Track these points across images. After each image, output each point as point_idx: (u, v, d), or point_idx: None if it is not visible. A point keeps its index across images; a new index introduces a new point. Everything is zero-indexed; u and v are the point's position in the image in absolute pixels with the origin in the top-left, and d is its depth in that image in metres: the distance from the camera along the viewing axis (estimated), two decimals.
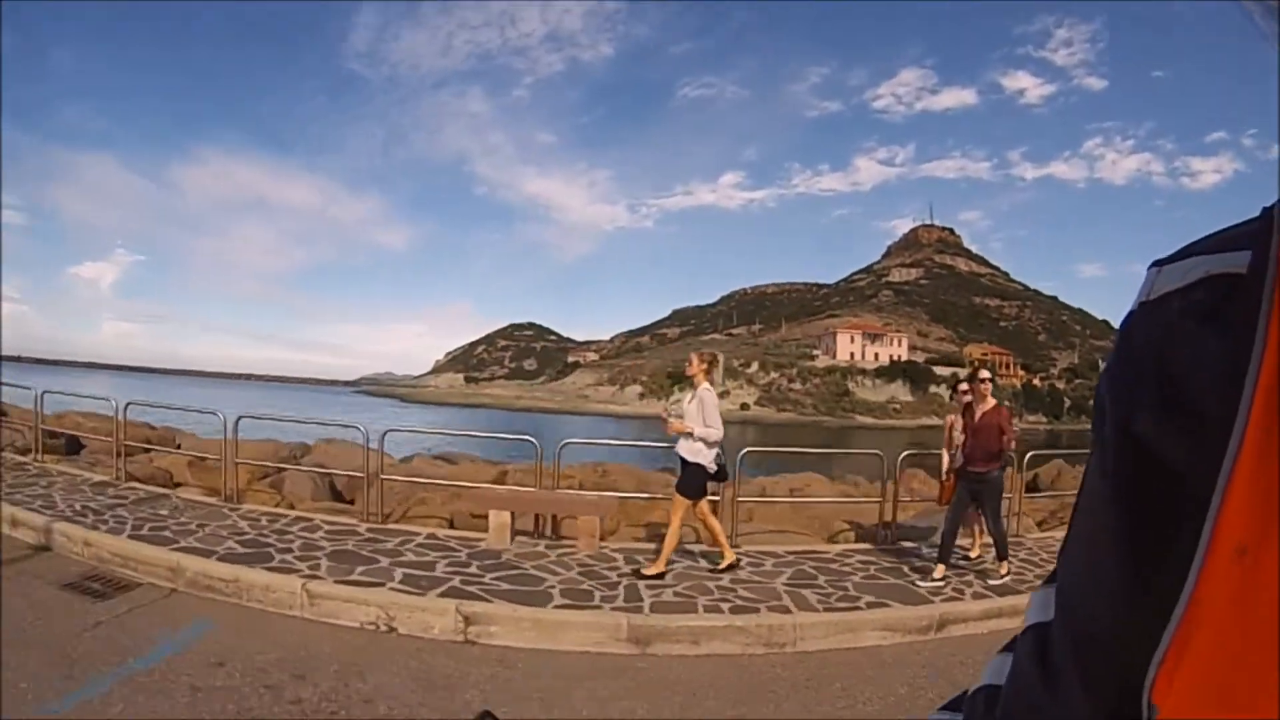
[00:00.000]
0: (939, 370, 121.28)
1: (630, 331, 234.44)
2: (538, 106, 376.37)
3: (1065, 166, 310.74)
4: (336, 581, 5.45)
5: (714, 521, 6.49)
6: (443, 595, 5.34)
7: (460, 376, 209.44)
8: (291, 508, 8.44)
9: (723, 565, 6.36)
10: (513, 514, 7.20)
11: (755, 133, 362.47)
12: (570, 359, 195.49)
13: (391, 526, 7.55)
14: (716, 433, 6.08)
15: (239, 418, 8.67)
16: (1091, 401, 0.47)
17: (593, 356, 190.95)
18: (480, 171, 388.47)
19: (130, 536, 6.18)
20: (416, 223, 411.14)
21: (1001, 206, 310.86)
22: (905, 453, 9.67)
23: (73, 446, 11.69)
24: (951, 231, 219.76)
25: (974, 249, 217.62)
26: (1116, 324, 0.47)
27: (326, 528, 7.16)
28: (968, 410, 6.52)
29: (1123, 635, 0.40)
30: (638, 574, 6.07)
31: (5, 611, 4.56)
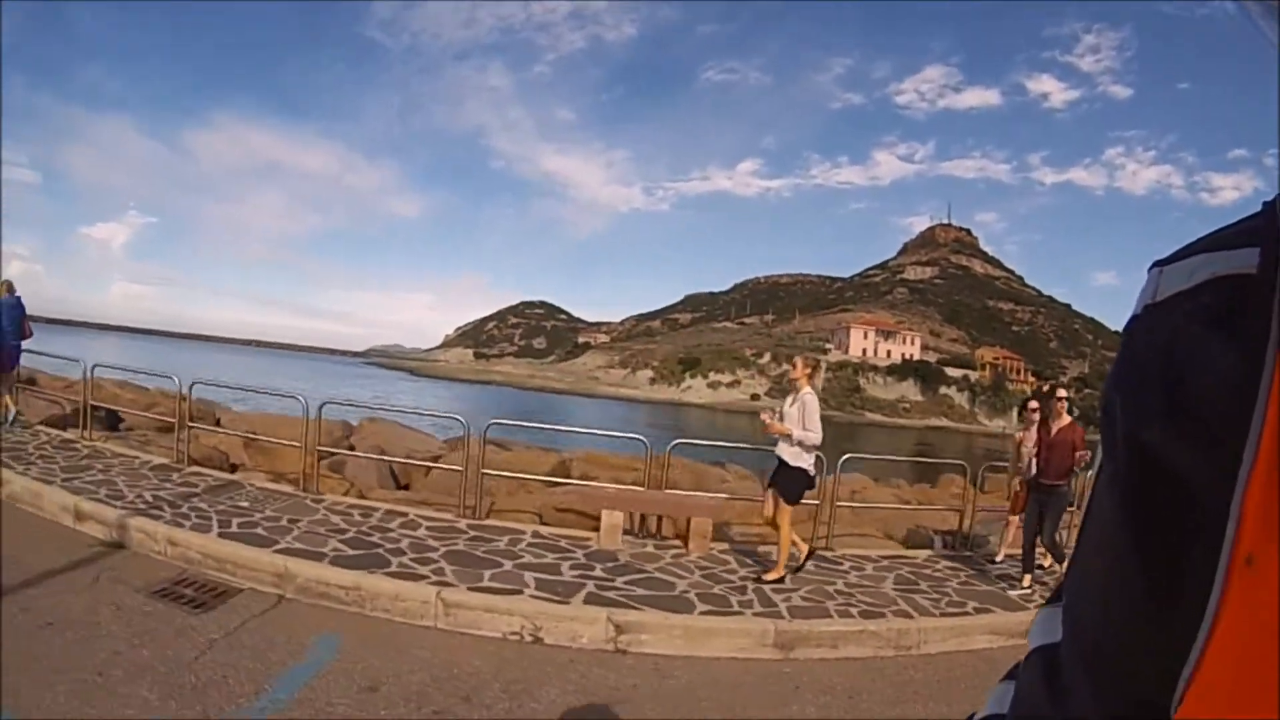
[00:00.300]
0: (950, 372, 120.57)
1: (641, 315, 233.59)
2: (559, 83, 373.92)
3: (1085, 173, 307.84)
4: (470, 589, 5.04)
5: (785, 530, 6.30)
6: (586, 602, 5.04)
7: (469, 352, 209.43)
8: (362, 497, 7.93)
9: (770, 576, 6.09)
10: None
11: (775, 121, 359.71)
12: (580, 339, 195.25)
13: (490, 523, 7.12)
14: (815, 436, 5.95)
15: (323, 403, 8.15)
16: (1100, 412, 0.46)
17: (603, 338, 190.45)
18: (497, 145, 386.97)
19: (222, 535, 5.63)
20: (430, 194, 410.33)
21: (1019, 209, 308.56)
22: (985, 465, 9.84)
23: (111, 420, 11.17)
24: (968, 232, 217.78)
25: (989, 251, 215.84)
26: None
27: (426, 524, 6.72)
28: (1044, 425, 6.76)
29: (1138, 648, 0.40)
30: (759, 579, 6.02)
31: (97, 627, 4.02)
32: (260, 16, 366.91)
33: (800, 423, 5.89)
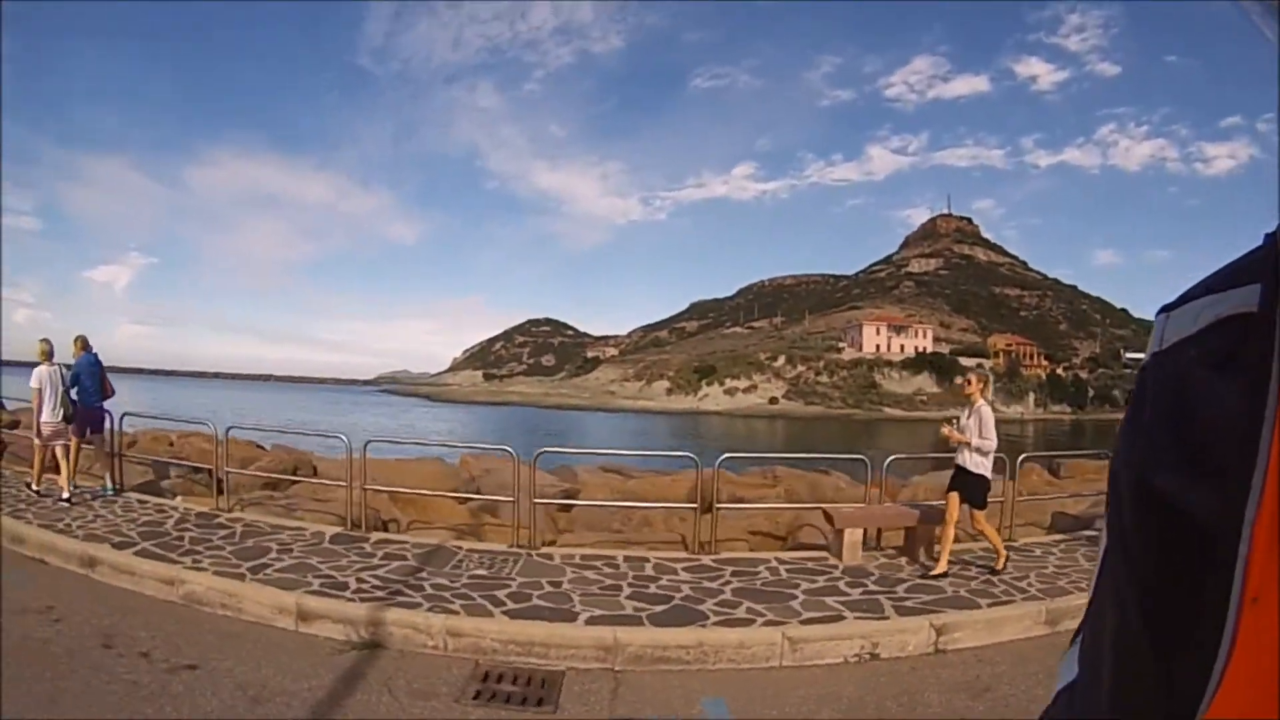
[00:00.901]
0: (964, 361, 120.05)
1: (648, 325, 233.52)
2: (549, 99, 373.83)
3: (1078, 153, 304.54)
4: (802, 622, 5.40)
5: (952, 531, 6.93)
6: (900, 614, 5.64)
7: (479, 374, 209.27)
8: (549, 544, 7.66)
9: (935, 572, 6.78)
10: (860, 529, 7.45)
11: (767, 123, 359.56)
12: (589, 354, 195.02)
13: (728, 555, 7.38)
14: (991, 444, 6.69)
15: (539, 453, 8.20)
16: (1114, 391, 1.58)
17: (612, 351, 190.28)
18: (491, 165, 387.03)
19: (510, 614, 5.24)
20: (428, 218, 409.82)
21: (1014, 195, 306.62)
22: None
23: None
24: (969, 221, 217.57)
25: (990, 238, 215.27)
26: (1134, 313, 1.16)
27: (680, 566, 6.80)
28: None
29: (1153, 688, 0.40)
30: (993, 570, 6.81)
31: None
32: (251, 50, 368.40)
33: (977, 432, 6.64)
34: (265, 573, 5.99)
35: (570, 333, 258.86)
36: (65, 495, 8.25)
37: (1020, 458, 8.84)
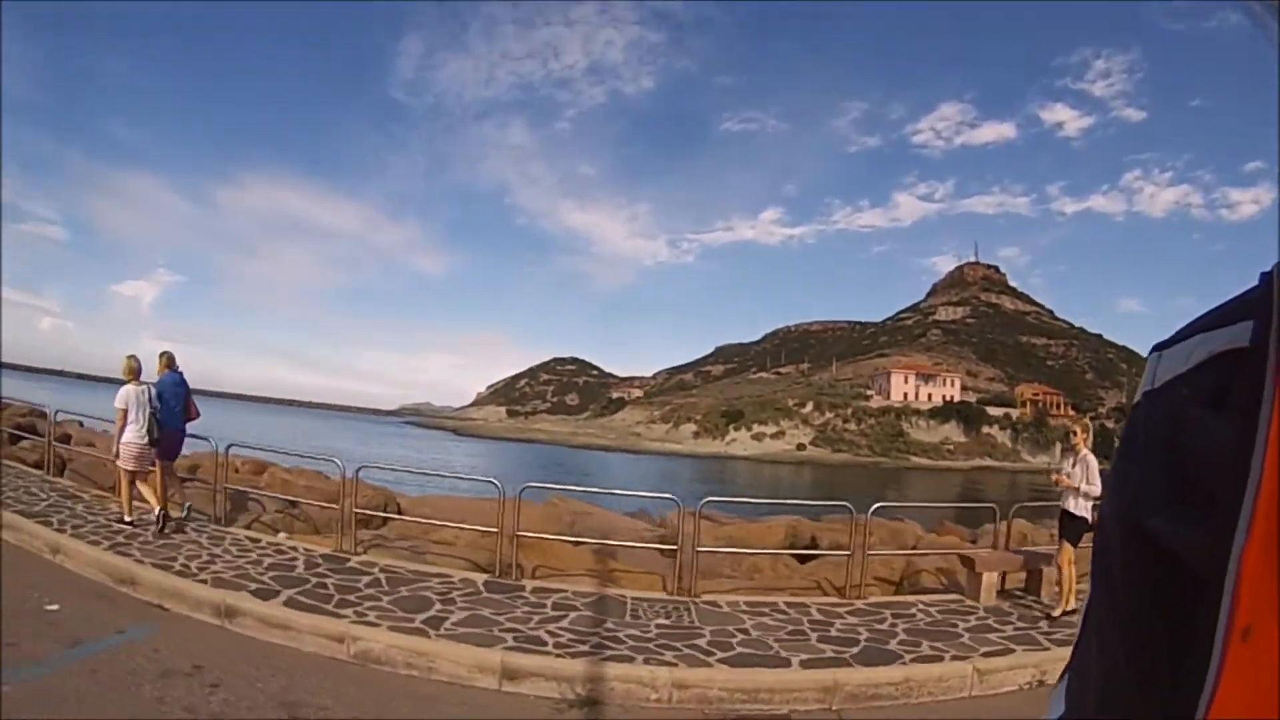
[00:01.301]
0: (991, 411, 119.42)
1: (673, 368, 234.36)
2: (579, 139, 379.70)
3: (1104, 200, 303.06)
4: (988, 654, 6.08)
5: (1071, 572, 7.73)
6: (1058, 645, 6.49)
7: (502, 410, 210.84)
8: (667, 589, 7.86)
9: (1058, 612, 7.47)
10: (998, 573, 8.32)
11: (795, 168, 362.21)
12: (614, 395, 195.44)
13: (874, 600, 7.97)
14: (1096, 490, 7.47)
15: (704, 500, 8.89)
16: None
17: (637, 393, 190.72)
18: (520, 202, 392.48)
19: (723, 662, 5.45)
20: (455, 251, 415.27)
21: (1040, 242, 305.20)
22: None
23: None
24: (996, 269, 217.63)
25: (1017, 286, 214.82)
26: None
27: (843, 610, 7.27)
28: None
29: None
30: (1048, 616, 7.50)
31: None
32: (286, 78, 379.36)
33: (1084, 479, 7.53)
34: (444, 627, 5.70)
35: (595, 372, 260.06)
36: (156, 512, 7.97)
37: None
